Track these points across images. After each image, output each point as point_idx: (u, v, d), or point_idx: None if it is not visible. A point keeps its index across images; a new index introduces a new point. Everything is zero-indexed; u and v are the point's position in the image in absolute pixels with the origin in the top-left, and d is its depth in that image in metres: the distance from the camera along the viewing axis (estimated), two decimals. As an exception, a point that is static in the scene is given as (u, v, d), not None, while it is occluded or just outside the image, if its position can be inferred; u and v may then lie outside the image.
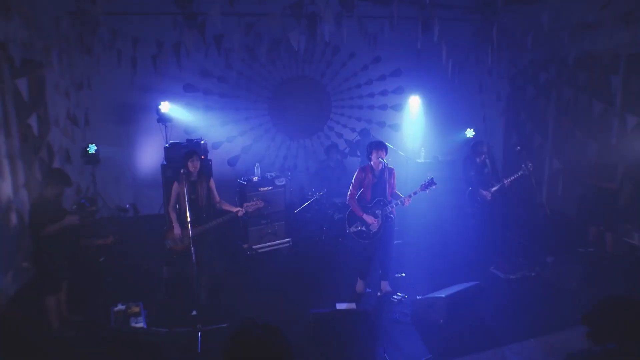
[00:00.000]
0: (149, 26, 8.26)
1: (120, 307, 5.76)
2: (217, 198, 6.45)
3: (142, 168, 9.81)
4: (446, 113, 10.84)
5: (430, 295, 5.88)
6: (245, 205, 6.40)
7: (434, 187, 6.30)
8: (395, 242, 7.37)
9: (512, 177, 7.52)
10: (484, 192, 7.57)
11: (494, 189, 7.59)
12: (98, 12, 6.80)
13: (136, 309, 5.76)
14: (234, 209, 6.35)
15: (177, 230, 6.22)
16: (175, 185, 6.25)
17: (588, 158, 8.46)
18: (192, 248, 5.55)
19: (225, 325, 5.61)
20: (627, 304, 2.48)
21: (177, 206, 6.31)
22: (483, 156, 7.68)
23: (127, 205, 9.62)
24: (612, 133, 8.42)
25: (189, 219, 5.63)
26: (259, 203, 6.53)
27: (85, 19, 7.25)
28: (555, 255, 7.42)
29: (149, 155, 9.62)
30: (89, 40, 7.55)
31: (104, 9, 6.77)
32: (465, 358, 5.13)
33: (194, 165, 6.14)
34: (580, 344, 2.68)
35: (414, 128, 10.92)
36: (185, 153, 6.25)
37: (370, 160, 6.33)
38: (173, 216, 6.27)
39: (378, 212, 6.30)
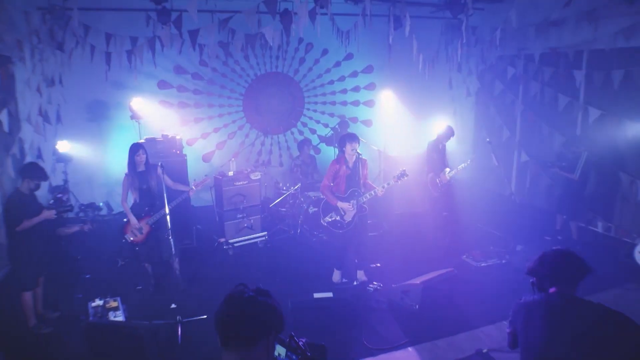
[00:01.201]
0: (122, 23, 8.19)
1: (98, 301, 5.75)
2: (170, 182, 6.61)
3: (116, 165, 9.69)
4: (417, 108, 11.06)
5: (406, 282, 6.05)
6: (194, 183, 6.74)
7: (405, 178, 6.58)
8: (370, 234, 7.56)
9: (464, 164, 7.95)
10: (442, 175, 7.91)
11: (451, 172, 7.94)
12: (71, 8, 6.74)
13: (114, 304, 5.75)
14: (186, 189, 6.66)
15: (133, 221, 6.39)
16: (125, 178, 6.46)
17: (554, 150, 8.77)
18: (171, 239, 5.65)
19: (204, 316, 5.68)
20: (561, 254, 3.00)
21: (137, 199, 6.52)
22: (448, 140, 8.10)
23: (101, 203, 9.55)
24: (577, 125, 8.76)
25: (167, 210, 5.75)
26: (207, 179, 6.83)
27: (56, 14, 7.17)
28: (524, 244, 7.69)
29: (122, 152, 9.47)
30: (60, 35, 7.47)
31: (75, 4, 6.70)
32: (441, 341, 5.31)
33: (140, 159, 6.40)
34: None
35: (386, 123, 11.11)
36: (130, 148, 6.49)
37: (344, 152, 6.48)
38: (127, 209, 6.46)
39: (353, 202, 6.45)
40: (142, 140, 8.27)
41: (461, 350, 5.13)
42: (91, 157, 9.51)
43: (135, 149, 6.46)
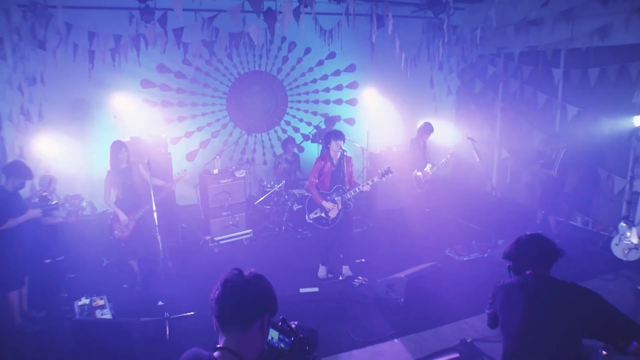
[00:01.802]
0: (105, 21, 8.15)
1: (85, 300, 5.75)
2: (149, 179, 6.64)
3: (99, 164, 9.63)
4: (400, 106, 11.19)
5: (390, 276, 6.15)
6: (174, 178, 7.02)
7: (390, 175, 6.67)
8: (355, 230, 7.66)
9: (444, 160, 8.23)
10: (425, 172, 8.13)
11: (433, 168, 8.20)
12: (53, 6, 6.70)
13: (101, 302, 5.75)
14: (167, 184, 6.83)
15: (122, 217, 6.43)
16: (108, 176, 6.49)
17: (534, 147, 8.96)
18: (159, 236, 5.68)
19: (192, 313, 5.71)
20: (535, 238, 3.18)
21: (120, 196, 6.54)
22: (428, 137, 8.37)
23: (84, 203, 9.47)
24: (555, 122, 8.96)
25: (154, 207, 5.78)
26: (185, 174, 6.95)
27: (37, 12, 7.12)
28: (505, 238, 7.83)
29: (106, 152, 9.43)
30: (42, 34, 7.41)
31: (59, 2, 6.67)
32: (426, 332, 5.43)
33: (123, 156, 6.46)
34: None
35: (369, 121, 11.22)
36: (112, 145, 6.52)
37: (329, 149, 6.56)
38: (113, 206, 6.48)
39: (337, 198, 6.52)
40: (128, 139, 8.25)
41: (446, 341, 5.24)
42: (74, 156, 9.43)
43: (117, 146, 6.47)
